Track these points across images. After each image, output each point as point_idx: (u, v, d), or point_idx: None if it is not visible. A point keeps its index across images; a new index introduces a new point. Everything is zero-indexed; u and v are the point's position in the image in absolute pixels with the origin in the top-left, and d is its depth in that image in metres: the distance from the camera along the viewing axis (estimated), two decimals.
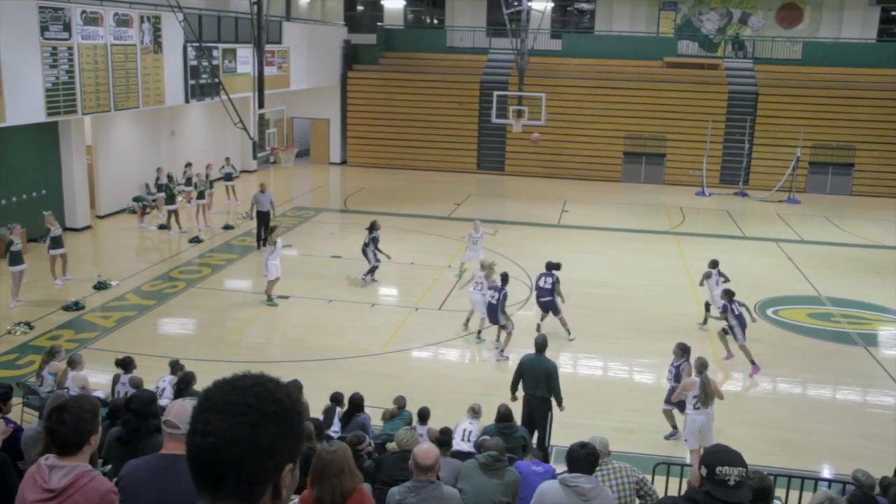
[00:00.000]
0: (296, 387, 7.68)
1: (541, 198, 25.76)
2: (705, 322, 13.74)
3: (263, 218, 18.14)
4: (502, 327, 12.33)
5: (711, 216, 24.24)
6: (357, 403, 8.42)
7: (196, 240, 18.74)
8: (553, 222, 22.23)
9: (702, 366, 8.87)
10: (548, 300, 12.92)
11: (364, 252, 15.84)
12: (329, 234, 20.30)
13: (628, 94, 28.38)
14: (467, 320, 13.50)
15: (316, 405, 8.67)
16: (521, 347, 12.40)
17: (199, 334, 13.27)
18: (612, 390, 11.21)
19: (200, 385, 8.51)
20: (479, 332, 12.97)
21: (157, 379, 9.21)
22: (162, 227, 19.77)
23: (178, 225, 19.46)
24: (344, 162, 31.64)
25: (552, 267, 13.05)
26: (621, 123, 28.59)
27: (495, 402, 8.50)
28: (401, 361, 12.12)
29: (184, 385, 8.47)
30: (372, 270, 15.70)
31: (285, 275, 15.22)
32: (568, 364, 12.45)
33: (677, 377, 9.65)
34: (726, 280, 13.62)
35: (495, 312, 12.30)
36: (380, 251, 15.63)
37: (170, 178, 20.07)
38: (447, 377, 11.57)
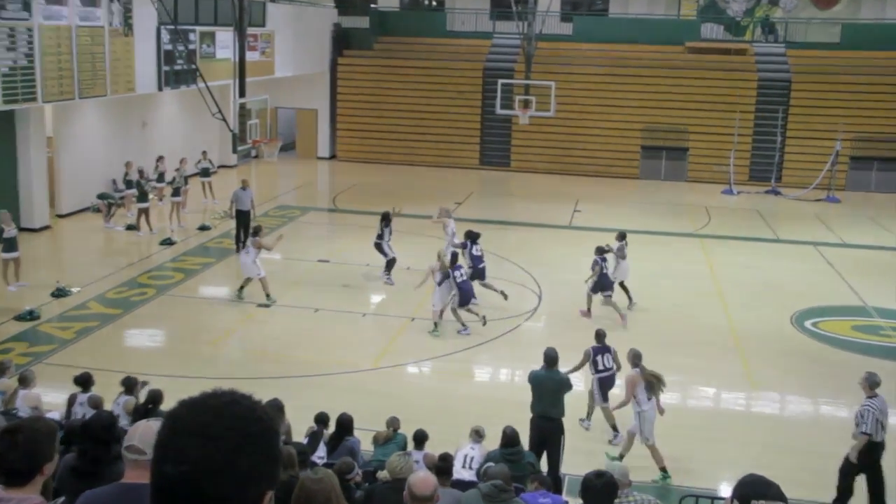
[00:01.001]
0: (276, 407, 7.56)
1: (550, 196, 25.68)
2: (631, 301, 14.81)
3: (244, 218, 18.03)
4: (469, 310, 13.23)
5: (740, 217, 24.14)
6: (345, 425, 8.28)
7: (168, 241, 18.63)
8: (564, 223, 22.14)
9: (636, 357, 9.46)
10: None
11: (378, 247, 15.93)
12: (316, 237, 20.21)
13: (646, 82, 28.32)
14: (461, 322, 13.68)
15: (299, 427, 8.53)
16: (530, 362, 12.27)
17: (170, 347, 13.13)
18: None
19: (168, 405, 8.37)
20: (436, 324, 13.54)
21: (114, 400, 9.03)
22: (130, 227, 19.66)
23: (149, 225, 19.35)
24: (333, 157, 31.57)
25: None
26: (639, 115, 28.52)
27: (500, 424, 8.37)
28: (395, 378, 12.01)
29: (151, 404, 8.32)
30: (389, 266, 15.72)
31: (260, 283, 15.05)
32: (582, 382, 12.32)
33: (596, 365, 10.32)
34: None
35: (469, 292, 13.36)
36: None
37: (140, 173, 19.94)
38: (447, 396, 11.45)
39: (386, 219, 16.12)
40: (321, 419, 8.45)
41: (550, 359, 9.11)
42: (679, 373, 12.20)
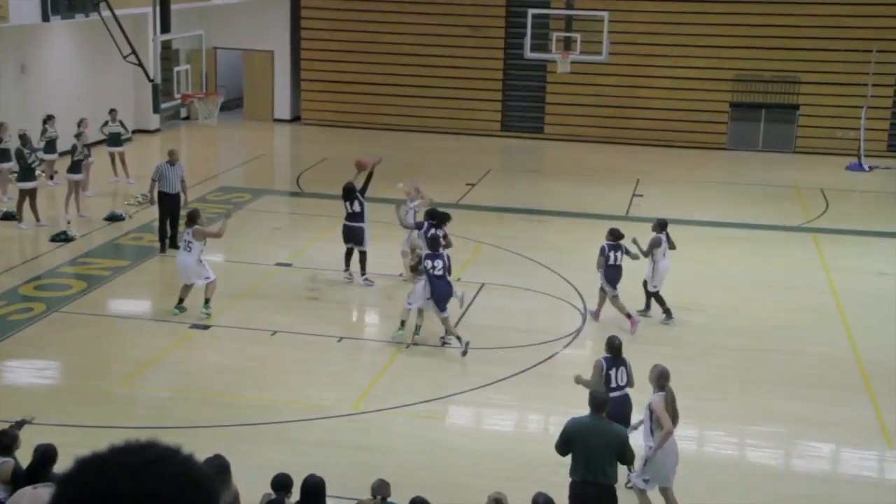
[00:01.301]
0: (218, 467, 7.63)
1: (600, 175, 25.69)
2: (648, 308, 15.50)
3: (170, 204, 18.12)
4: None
5: (873, 203, 24.17)
6: (315, 492, 8.36)
7: (64, 237, 18.74)
8: (619, 213, 22.16)
9: (662, 376, 9.96)
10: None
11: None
12: (273, 230, 20.30)
13: (740, 10, 28.37)
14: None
15: (251, 496, 8.60)
16: (569, 405, 12.32)
17: (69, 384, 13.19)
18: (716, 474, 11.12)
19: (63, 465, 8.43)
20: (402, 322, 14.39)
21: None
22: (8, 216, 19.77)
23: (35, 213, 19.45)
24: (296, 119, 31.68)
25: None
26: (727, 59, 28.58)
27: (529, 491, 8.43)
28: (383, 426, 12.05)
29: (40, 466, 8.41)
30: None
31: (198, 287, 15.15)
32: (639, 432, 12.37)
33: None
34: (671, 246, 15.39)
35: (445, 290, 13.90)
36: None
37: (22, 139, 20.03)
38: (453, 451, 11.51)
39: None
40: (282, 484, 8.52)
41: (600, 402, 9.15)
42: (782, 423, 12.20)
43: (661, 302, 15.43)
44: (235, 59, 31.90)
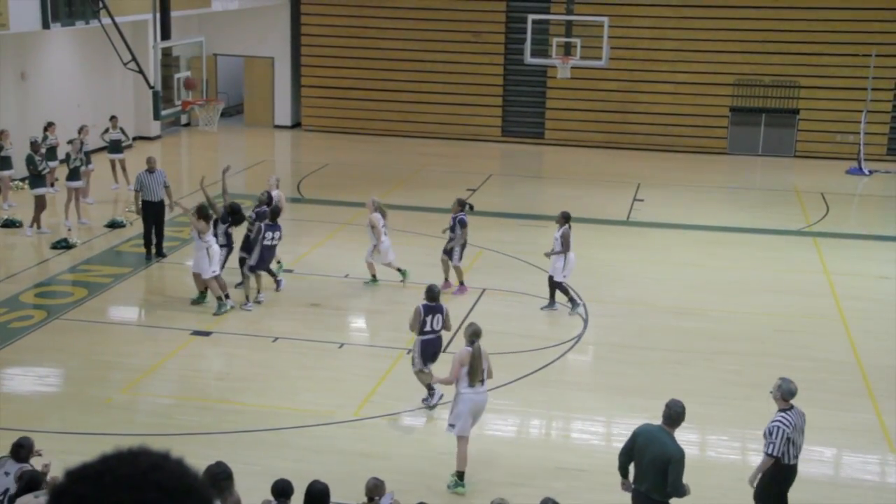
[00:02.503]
0: (221, 475, 7.62)
1: (600, 180, 25.69)
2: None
3: (154, 211, 18.09)
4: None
5: (873, 207, 24.14)
6: (318, 498, 8.35)
7: (65, 244, 18.76)
8: (620, 218, 22.17)
9: (474, 334, 10.73)
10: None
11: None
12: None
13: (740, 16, 28.40)
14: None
15: (252, 501, 8.58)
16: (571, 409, 12.31)
17: (69, 391, 13.19)
18: (718, 478, 11.10)
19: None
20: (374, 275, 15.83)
21: None
22: (8, 223, 19.78)
23: (37, 221, 19.46)
24: (297, 125, 31.68)
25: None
26: (727, 64, 28.63)
27: (529, 497, 8.40)
28: (384, 432, 12.06)
29: (26, 490, 8.41)
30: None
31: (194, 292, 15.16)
32: None
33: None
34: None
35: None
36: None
37: (33, 146, 20.07)
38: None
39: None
40: (282, 490, 8.50)
41: (675, 416, 8.79)
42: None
43: (565, 291, 15.85)
44: (237, 65, 31.93)
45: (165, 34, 18.31)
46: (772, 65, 28.47)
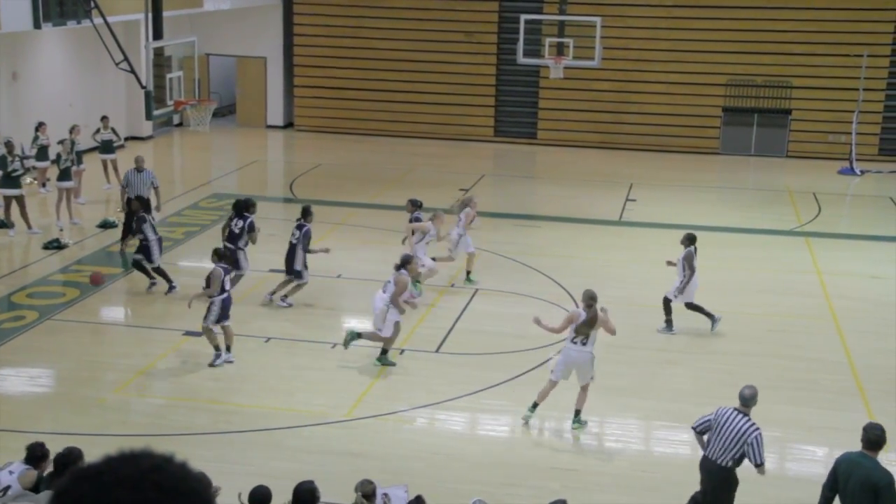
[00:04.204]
0: (260, 496, 7.67)
1: (593, 180, 25.72)
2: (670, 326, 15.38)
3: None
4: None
5: (865, 206, 24.17)
6: (306, 498, 8.33)
7: (56, 244, 18.72)
8: (612, 218, 22.20)
9: (590, 299, 11.96)
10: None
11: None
12: (268, 236, 20.26)
13: (732, 16, 28.46)
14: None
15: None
16: (564, 409, 12.34)
17: (62, 392, 13.19)
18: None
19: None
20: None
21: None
22: None
23: (26, 221, 19.40)
24: (289, 125, 31.66)
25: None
26: (719, 64, 28.68)
27: (523, 497, 8.42)
28: (377, 433, 12.07)
29: (62, 468, 8.42)
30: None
31: (191, 294, 15.07)
32: (635, 437, 12.38)
33: None
34: None
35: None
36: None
37: (7, 146, 19.96)
38: (449, 457, 11.52)
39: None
40: (261, 498, 8.35)
41: (874, 439, 8.49)
42: (776, 426, 12.21)
43: (669, 311, 15.43)
44: (229, 65, 31.90)
45: (157, 34, 18.29)
46: (764, 65, 28.51)
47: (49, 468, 8.72)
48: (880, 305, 16.81)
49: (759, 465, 9.35)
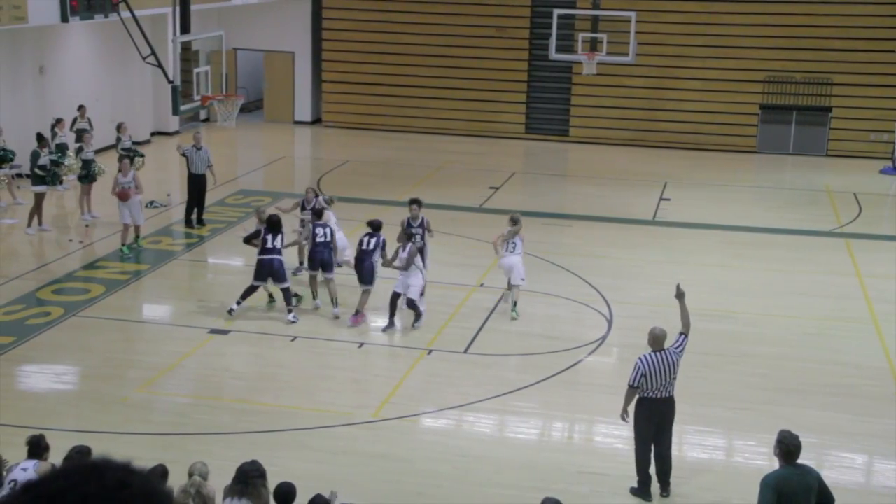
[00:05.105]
0: (256, 472, 7.68)
1: (626, 179, 25.62)
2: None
3: (197, 185, 19.14)
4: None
5: None
6: (284, 498, 8.30)
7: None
8: (646, 217, 22.10)
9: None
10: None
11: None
12: (293, 232, 20.32)
13: (771, 11, 28.26)
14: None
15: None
16: (594, 412, 12.27)
17: (86, 389, 13.28)
18: (745, 484, 11.05)
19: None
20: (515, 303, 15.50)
21: (11, 465, 9.15)
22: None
23: (39, 218, 19.49)
24: (317, 121, 31.74)
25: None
26: (757, 60, 28.49)
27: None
28: (404, 434, 12.07)
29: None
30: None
31: (217, 292, 15.16)
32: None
33: None
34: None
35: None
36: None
37: (40, 140, 20.15)
38: (476, 459, 11.49)
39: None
40: (284, 496, 8.38)
41: (796, 449, 8.45)
42: (812, 432, 12.10)
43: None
44: (256, 60, 32.02)
45: (185, 28, 18.39)
46: (804, 61, 28.29)
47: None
48: None
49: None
